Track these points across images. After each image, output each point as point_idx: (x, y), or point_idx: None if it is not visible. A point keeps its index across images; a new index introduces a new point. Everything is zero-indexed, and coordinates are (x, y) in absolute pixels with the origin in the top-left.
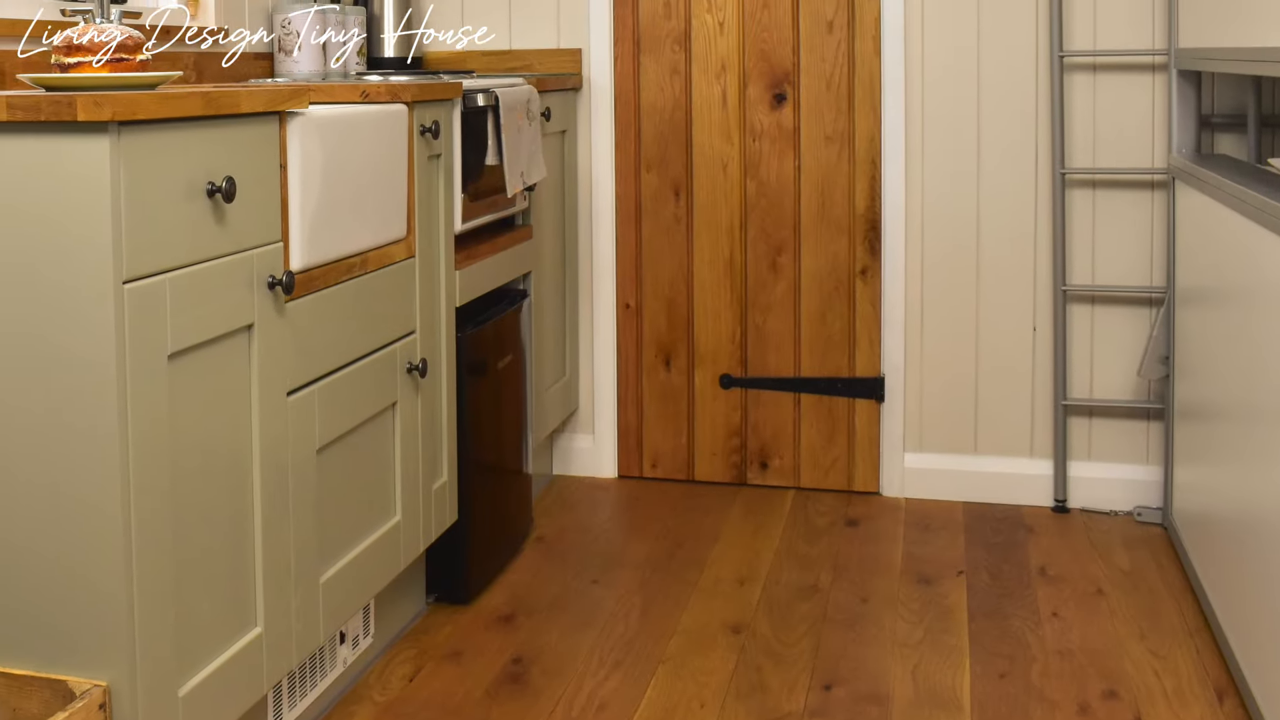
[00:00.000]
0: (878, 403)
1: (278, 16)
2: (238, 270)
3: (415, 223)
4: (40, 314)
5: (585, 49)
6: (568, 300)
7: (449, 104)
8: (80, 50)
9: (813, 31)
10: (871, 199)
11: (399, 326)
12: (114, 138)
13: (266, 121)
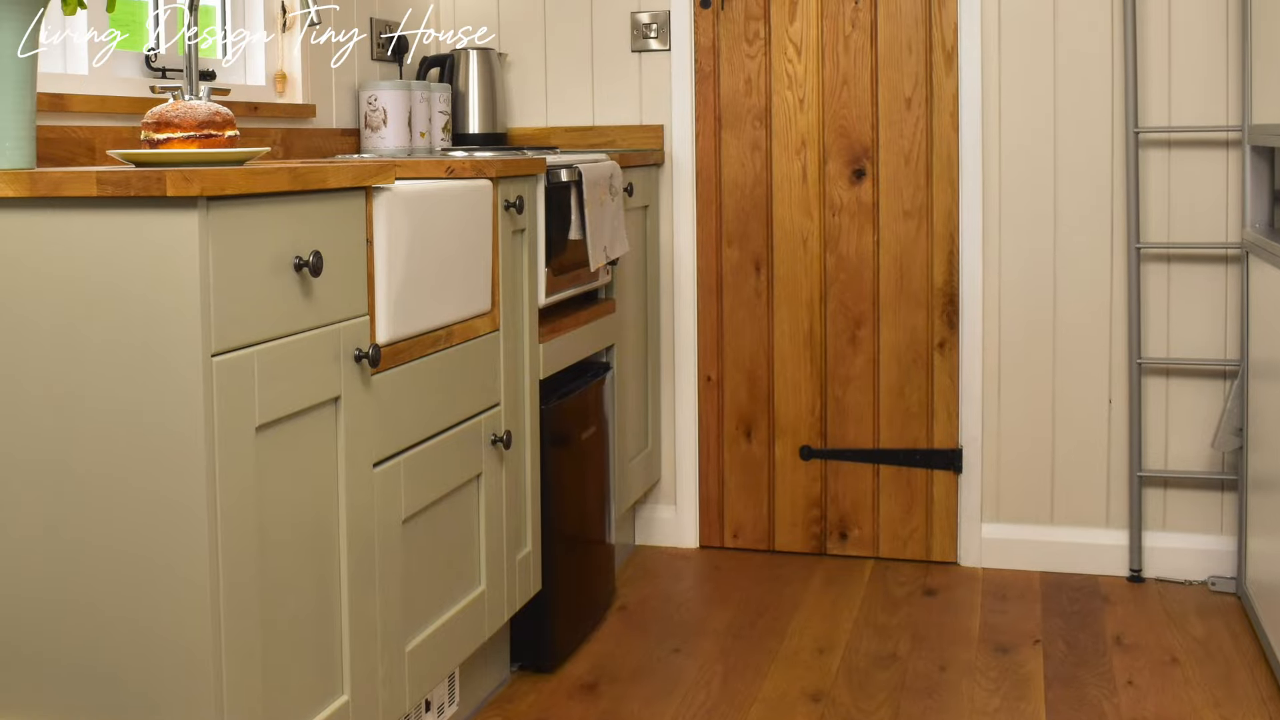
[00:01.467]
0: (955, 474)
1: (364, 93)
2: (324, 343)
3: (500, 296)
4: (131, 386)
5: (667, 125)
6: (650, 373)
7: (533, 179)
8: (170, 126)
9: (891, 108)
10: (949, 273)
11: (484, 399)
12: (203, 213)
13: (353, 196)
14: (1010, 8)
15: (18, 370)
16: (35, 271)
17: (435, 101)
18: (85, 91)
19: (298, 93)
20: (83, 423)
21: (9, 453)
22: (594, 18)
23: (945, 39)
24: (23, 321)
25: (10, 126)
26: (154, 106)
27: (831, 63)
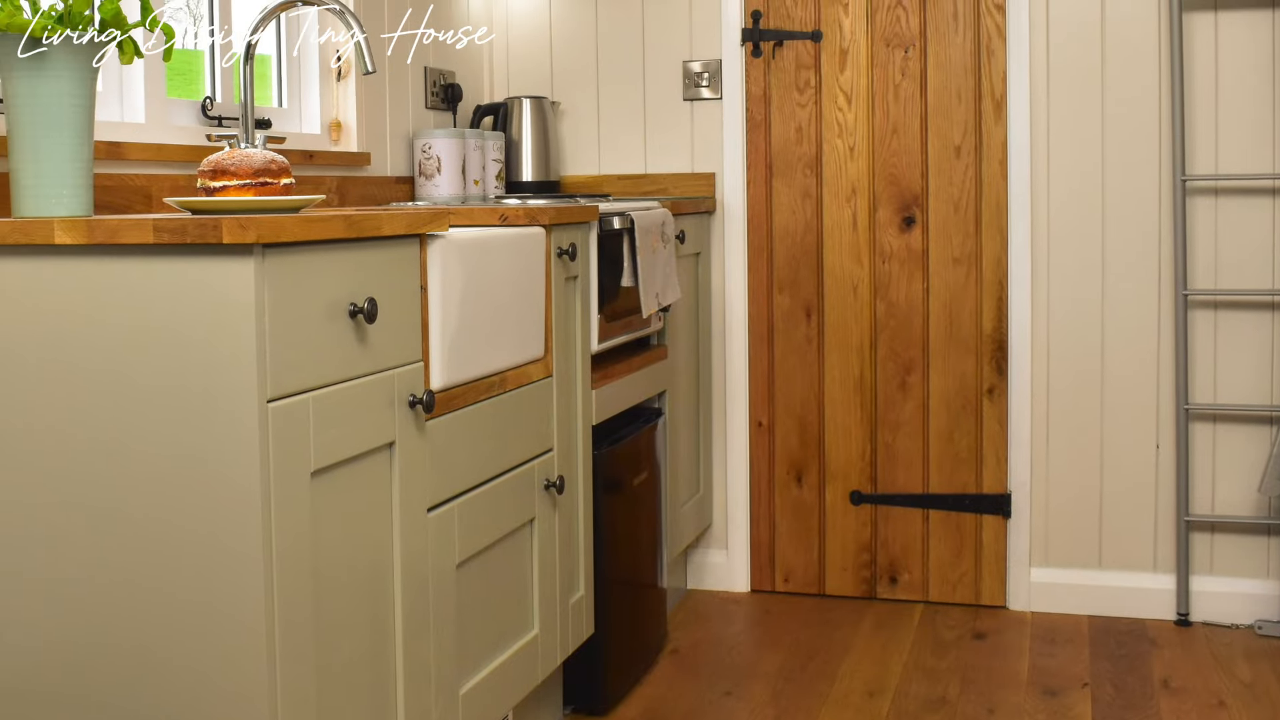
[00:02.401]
0: (1005, 518)
1: (419, 141)
2: (379, 389)
3: (553, 343)
4: (186, 431)
5: (719, 173)
6: (701, 418)
7: (586, 227)
8: (226, 174)
9: (941, 156)
10: (998, 319)
11: (537, 444)
12: (258, 260)
13: (407, 244)
14: (1059, 57)
15: (74, 416)
16: (92, 318)
17: (489, 149)
18: (142, 140)
19: (353, 141)
20: (139, 468)
21: (65, 497)
22: (646, 67)
23: (994, 88)
24: (80, 368)
25: (68, 174)
26: (210, 154)
27: (882, 111)
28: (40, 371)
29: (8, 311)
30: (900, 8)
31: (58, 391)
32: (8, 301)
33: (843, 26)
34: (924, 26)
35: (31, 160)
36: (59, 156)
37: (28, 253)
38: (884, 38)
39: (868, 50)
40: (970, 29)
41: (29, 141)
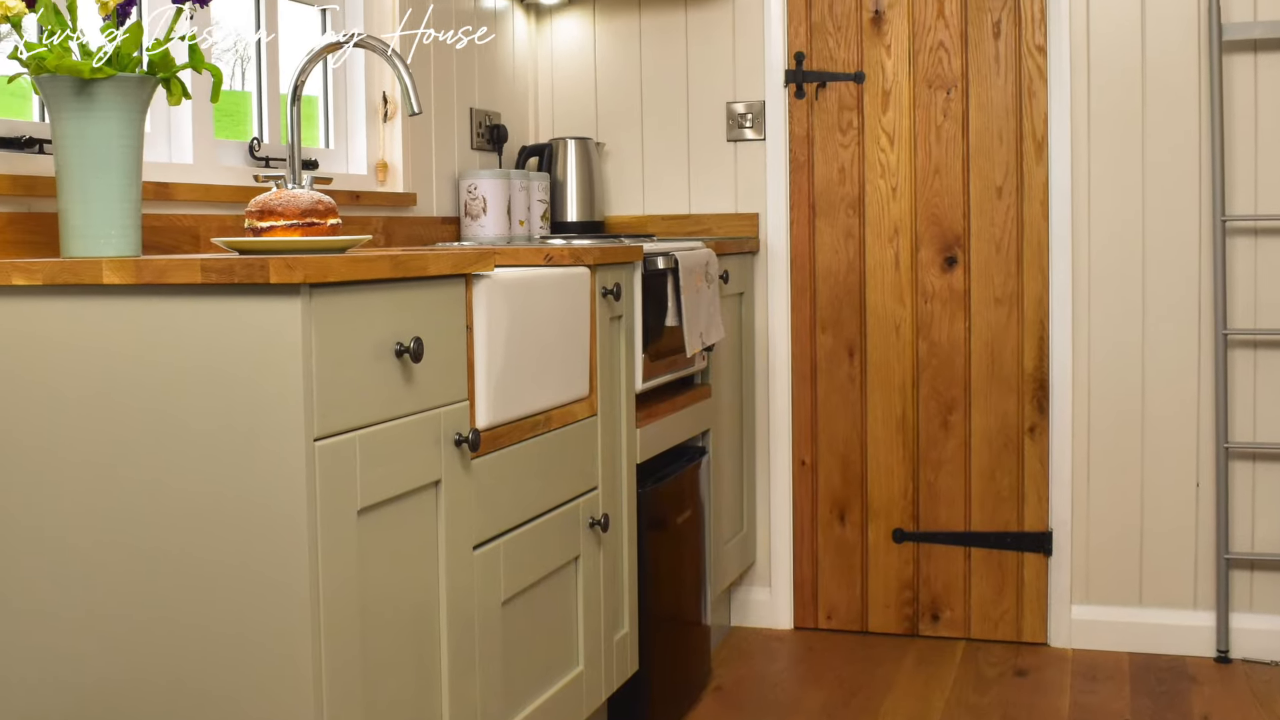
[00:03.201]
0: (1046, 556)
1: (464, 182)
2: (425, 428)
3: (597, 382)
4: (234, 469)
5: (762, 213)
6: (745, 457)
7: (630, 267)
8: (273, 214)
9: (983, 196)
10: (1040, 359)
11: (581, 482)
12: (305, 300)
13: (453, 284)
14: (1100, 98)
15: (122, 454)
16: (140, 358)
17: (534, 190)
18: (190, 180)
19: (399, 181)
20: (187, 506)
21: (113, 535)
22: (690, 108)
23: (1036, 129)
24: (128, 406)
25: (116, 215)
26: (257, 195)
27: (924, 152)
28: (88, 410)
29: (57, 350)
30: (942, 49)
31: (105, 430)
32: (57, 340)
33: (885, 68)
34: (966, 68)
35: (80, 200)
36: (108, 197)
37: (76, 292)
38: (926, 79)
39: (910, 91)
40: (1012, 71)
41: (78, 182)
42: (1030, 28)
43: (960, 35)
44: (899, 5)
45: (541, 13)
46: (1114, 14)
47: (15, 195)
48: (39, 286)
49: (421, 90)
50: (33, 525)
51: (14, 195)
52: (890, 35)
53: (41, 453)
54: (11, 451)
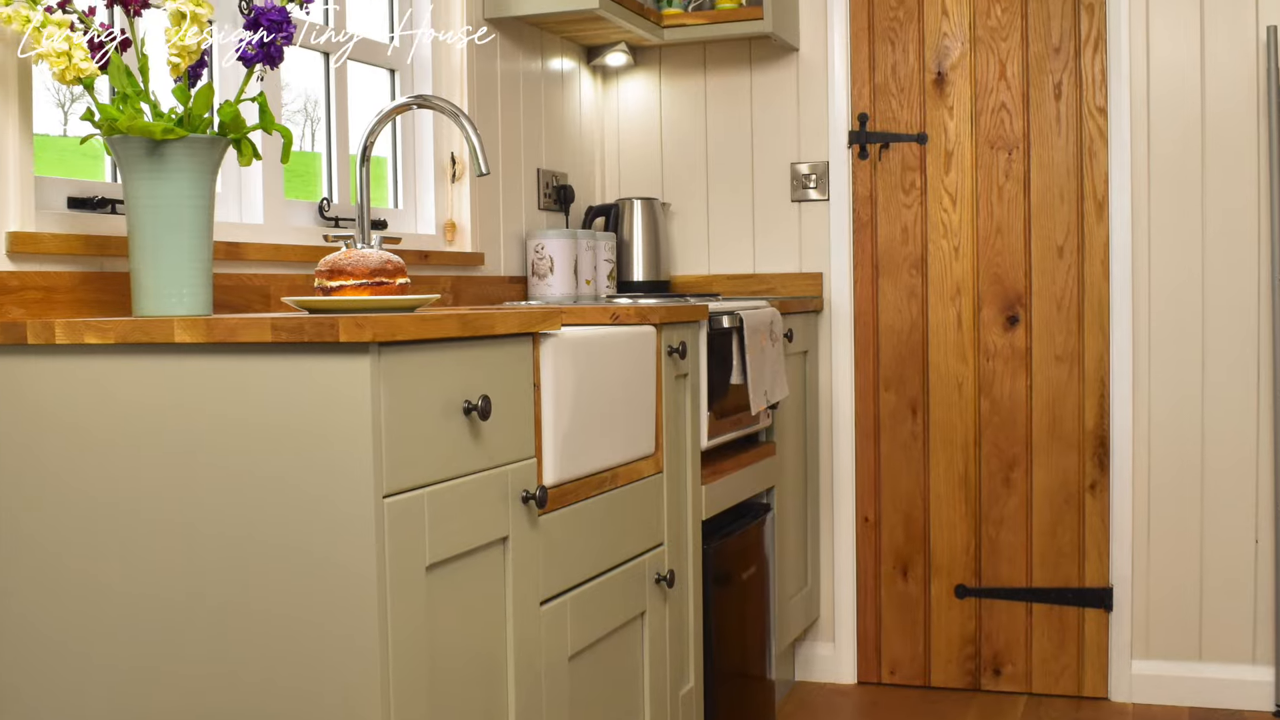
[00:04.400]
0: (1106, 611)
1: (531, 242)
2: (493, 485)
3: (663, 439)
4: (304, 525)
5: (826, 273)
6: (809, 513)
7: (695, 326)
8: (342, 274)
9: (1044, 256)
10: (1100, 416)
11: (647, 539)
12: (374, 358)
13: (520, 342)
14: (1159, 158)
15: (193, 511)
16: (212, 415)
17: (600, 250)
18: (260, 240)
19: (467, 241)
20: (257, 562)
21: (184, 591)
22: (755, 169)
23: (1096, 189)
24: (199, 464)
25: (187, 274)
26: (327, 255)
27: (986, 212)
28: (161, 467)
29: (129, 409)
30: (1004, 111)
31: (178, 487)
32: (129, 399)
33: (947, 129)
34: (1027, 129)
35: (152, 260)
36: (179, 257)
37: (148, 351)
38: (988, 140)
39: (972, 152)
40: (1072, 131)
41: (150, 242)
42: (1091, 89)
43: (1022, 97)
44: (961, 67)
45: (608, 74)
46: (1173, 75)
47: (88, 255)
48: (111, 345)
49: (489, 151)
50: (106, 581)
51: (86, 255)
52: (953, 97)
53: (114, 509)
54: (85, 508)
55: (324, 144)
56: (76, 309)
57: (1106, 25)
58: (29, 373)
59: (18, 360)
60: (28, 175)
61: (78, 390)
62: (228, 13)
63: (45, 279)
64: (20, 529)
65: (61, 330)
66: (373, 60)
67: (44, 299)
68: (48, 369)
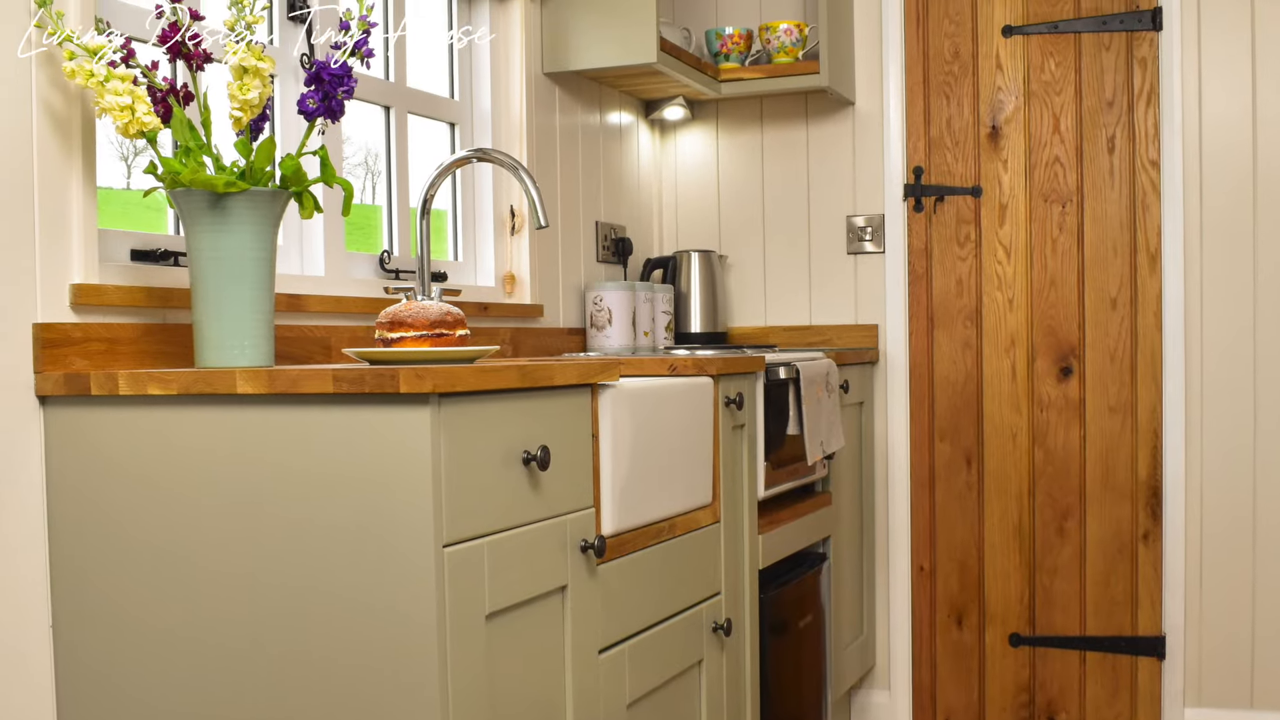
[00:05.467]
0: (1159, 659)
1: (590, 294)
2: (551, 535)
3: (720, 489)
4: (365, 574)
5: (881, 325)
6: (865, 562)
7: (752, 377)
8: (403, 326)
9: (1097, 308)
10: (1153, 466)
11: (705, 588)
12: (435, 409)
13: (579, 393)
14: (1211, 210)
15: (255, 560)
16: (273, 465)
17: (658, 302)
18: (321, 292)
19: (526, 293)
20: (319, 610)
21: (246, 639)
22: (811, 222)
23: (1149, 242)
24: (261, 513)
25: (249, 326)
26: (388, 306)
27: (1040, 264)
28: (223, 517)
29: (192, 459)
30: (1058, 164)
31: (239, 536)
32: (192, 449)
33: (1002, 182)
34: (1081, 182)
35: (215, 312)
36: (241, 308)
37: (211, 402)
38: (1042, 193)
39: (1026, 205)
40: (1126, 185)
41: (212, 293)
42: (1144, 143)
43: (1075, 150)
44: (1015, 121)
45: (666, 128)
46: (1225, 129)
47: (151, 307)
48: (175, 396)
49: (548, 204)
50: (168, 628)
51: (149, 307)
52: (1007, 150)
53: (177, 558)
54: (148, 557)
55: (385, 197)
56: (139, 360)
57: (1159, 80)
58: (93, 423)
59: (82, 411)
60: (91, 228)
61: (141, 440)
62: (289, 67)
63: (109, 330)
64: (85, 577)
65: (125, 381)
66: (433, 114)
67: (107, 350)
68: (111, 419)
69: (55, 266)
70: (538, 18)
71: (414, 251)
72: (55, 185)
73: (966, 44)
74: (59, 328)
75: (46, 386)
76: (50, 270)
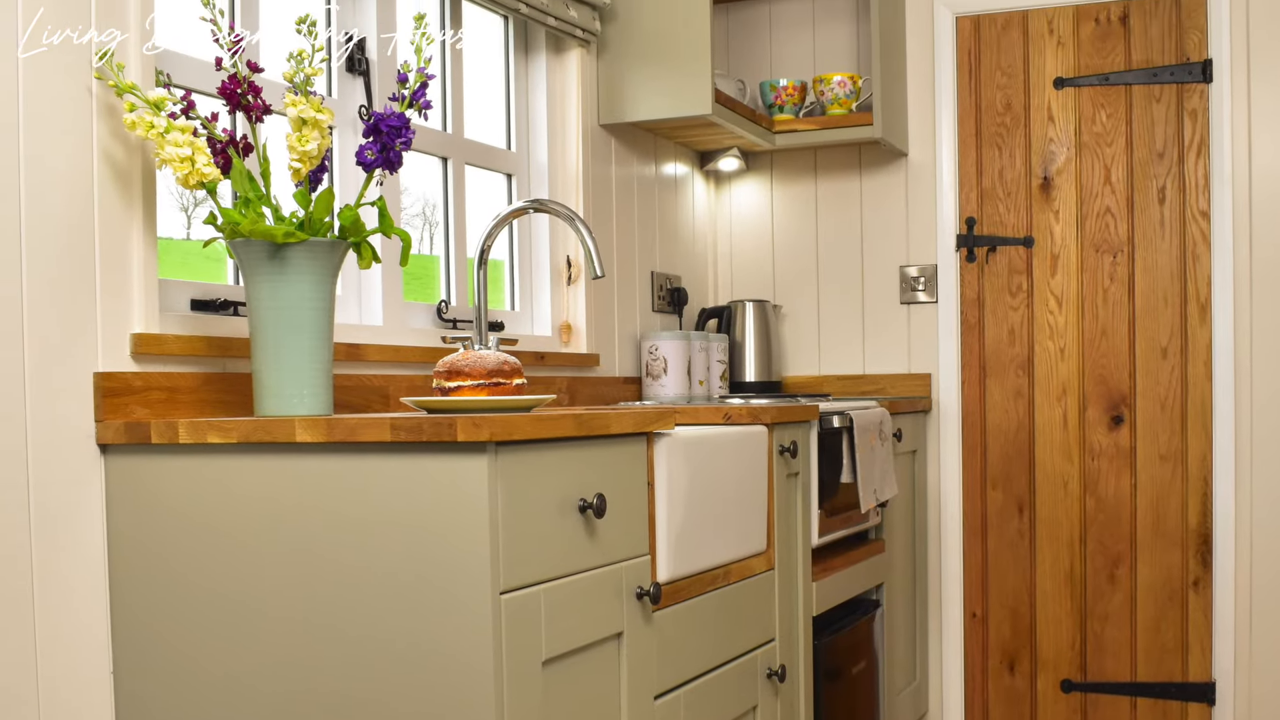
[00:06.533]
0: (1209, 705)
1: (645, 343)
2: (607, 582)
3: (774, 536)
4: (422, 620)
5: (934, 374)
6: (918, 609)
7: (806, 425)
8: (460, 375)
9: (1148, 357)
10: (1203, 514)
11: (759, 634)
12: (492, 457)
13: (635, 442)
14: (1261, 261)
15: (314, 606)
16: (332, 512)
17: (713, 351)
18: (380, 341)
19: (582, 342)
20: (376, 656)
21: (305, 685)
22: (864, 271)
23: (1200, 292)
24: (319, 559)
25: (308, 375)
26: (445, 356)
27: (1091, 314)
28: (281, 564)
29: (252, 506)
30: (1109, 215)
31: (298, 583)
32: (252, 497)
33: (1053, 233)
34: (1132, 233)
35: (274, 361)
36: (300, 357)
37: (270, 450)
38: (1093, 243)
39: (1078, 255)
40: (1176, 235)
41: (271, 343)
42: (1194, 194)
43: (1126, 201)
44: (1067, 172)
45: (721, 179)
46: (1275, 180)
47: (210, 356)
48: (234, 444)
49: (604, 254)
50: (228, 675)
51: (209, 356)
52: (1059, 201)
53: (237, 605)
54: (209, 604)
55: (442, 247)
56: (199, 409)
57: (1209, 131)
58: (153, 471)
59: (143, 459)
60: (152, 278)
61: (201, 488)
62: (348, 118)
63: (169, 379)
64: (145, 623)
65: (185, 430)
66: (490, 165)
67: (168, 399)
68: (172, 468)
69: (116, 316)
70: (594, 70)
71: (471, 301)
72: (116, 236)
73: (1018, 96)
74: (120, 377)
75: (107, 435)
76: (111, 320)
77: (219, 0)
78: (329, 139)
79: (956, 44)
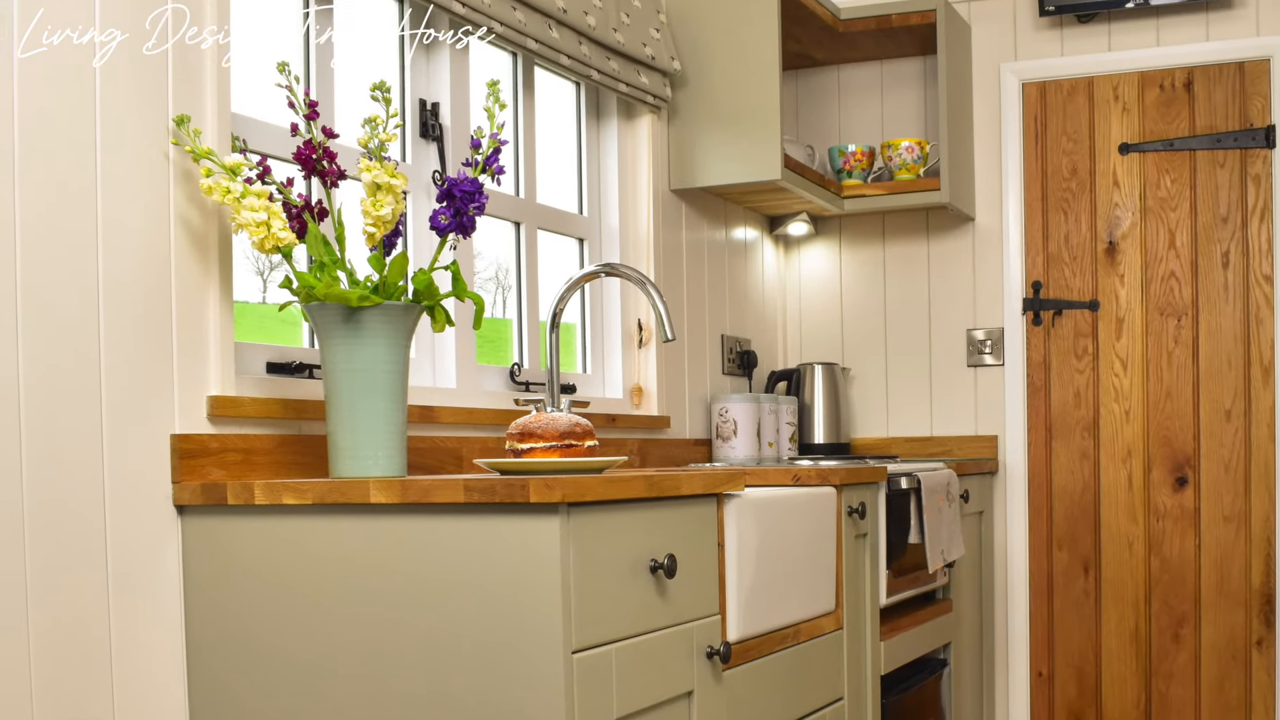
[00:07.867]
0: None
1: (716, 405)
2: (678, 641)
3: (843, 596)
4: (495, 680)
5: (1001, 435)
6: (985, 668)
7: (875, 487)
8: (533, 437)
9: (1212, 419)
10: (1267, 575)
11: (828, 693)
12: (564, 518)
13: (705, 503)
14: None
15: (390, 666)
16: (405, 573)
17: (782, 413)
18: (453, 404)
19: (653, 405)
20: (448, 715)
21: None
22: (932, 335)
23: (1263, 355)
24: (394, 620)
25: (382, 437)
26: (518, 418)
27: (1155, 377)
28: (355, 624)
29: (326, 567)
30: (1174, 279)
31: (372, 643)
32: (326, 557)
33: (1119, 296)
34: (1196, 296)
35: (349, 423)
36: (374, 420)
37: (345, 511)
38: (1158, 307)
39: (1142, 319)
40: (1239, 299)
41: (346, 405)
42: (1258, 258)
43: (1190, 265)
44: (1132, 236)
45: (790, 243)
46: None
47: (286, 418)
48: (309, 505)
49: (675, 317)
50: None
51: (285, 418)
52: (1124, 265)
53: (312, 665)
54: (285, 663)
55: (515, 310)
56: (274, 470)
57: (1272, 196)
58: (229, 532)
59: (218, 520)
60: (228, 341)
61: (276, 549)
62: (421, 183)
63: (244, 441)
64: (221, 682)
65: (260, 491)
66: (562, 229)
67: (243, 460)
68: (247, 529)
69: (193, 379)
70: (665, 135)
71: (544, 364)
72: (193, 299)
73: (1084, 161)
74: (196, 439)
75: (184, 496)
76: (188, 382)
77: (294, 67)
78: (403, 204)
79: (1023, 110)
